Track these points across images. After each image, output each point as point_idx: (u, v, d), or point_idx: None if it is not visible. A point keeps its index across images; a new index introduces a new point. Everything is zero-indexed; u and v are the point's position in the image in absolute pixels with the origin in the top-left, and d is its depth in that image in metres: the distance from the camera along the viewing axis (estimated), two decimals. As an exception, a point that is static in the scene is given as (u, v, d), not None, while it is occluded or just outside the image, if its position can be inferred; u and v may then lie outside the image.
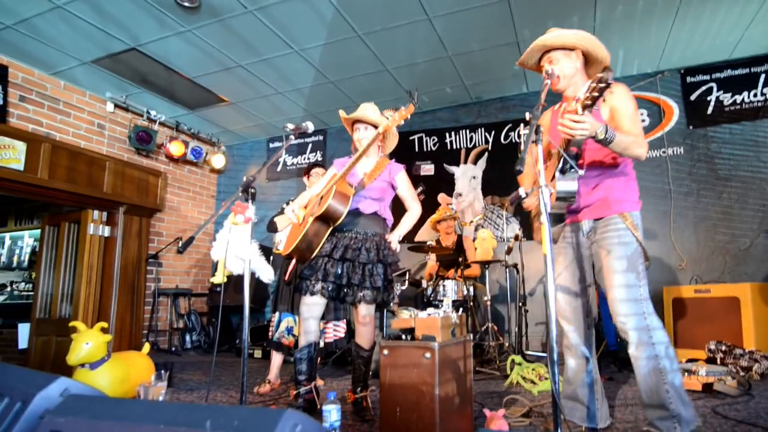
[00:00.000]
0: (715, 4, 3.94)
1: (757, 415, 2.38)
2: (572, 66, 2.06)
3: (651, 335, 1.86)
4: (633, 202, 2.04)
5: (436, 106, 5.93)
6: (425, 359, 1.80)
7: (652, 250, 4.88)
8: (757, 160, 4.68)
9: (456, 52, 4.66)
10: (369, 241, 2.58)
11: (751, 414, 2.40)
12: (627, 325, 1.89)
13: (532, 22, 4.16)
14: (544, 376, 3.33)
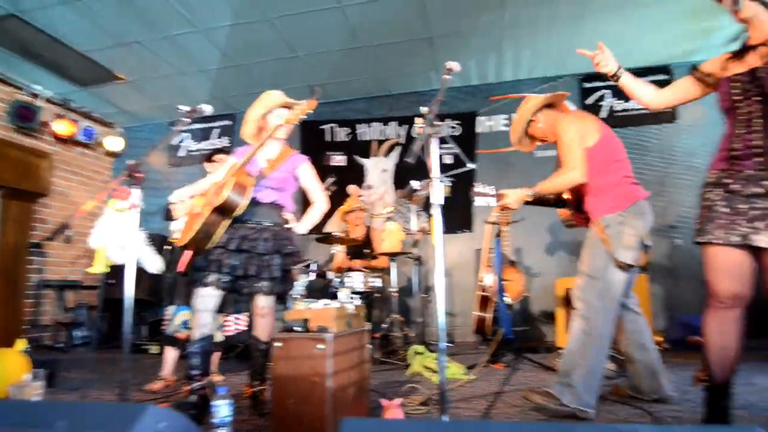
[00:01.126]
0: (611, 17, 4.29)
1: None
2: None
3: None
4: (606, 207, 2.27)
5: (349, 96, 5.89)
6: (318, 350, 1.76)
7: (547, 243, 5.25)
8: (642, 162, 5.18)
9: (369, 44, 4.64)
10: (267, 232, 2.51)
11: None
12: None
13: (444, 20, 4.26)
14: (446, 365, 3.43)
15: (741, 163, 1.66)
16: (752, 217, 1.62)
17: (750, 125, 1.65)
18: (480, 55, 4.97)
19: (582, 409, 2.13)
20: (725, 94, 1.72)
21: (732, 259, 1.69)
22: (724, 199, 1.69)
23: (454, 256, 5.45)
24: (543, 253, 5.22)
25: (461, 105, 5.67)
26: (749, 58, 1.68)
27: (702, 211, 1.77)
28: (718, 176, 1.73)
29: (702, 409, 1.84)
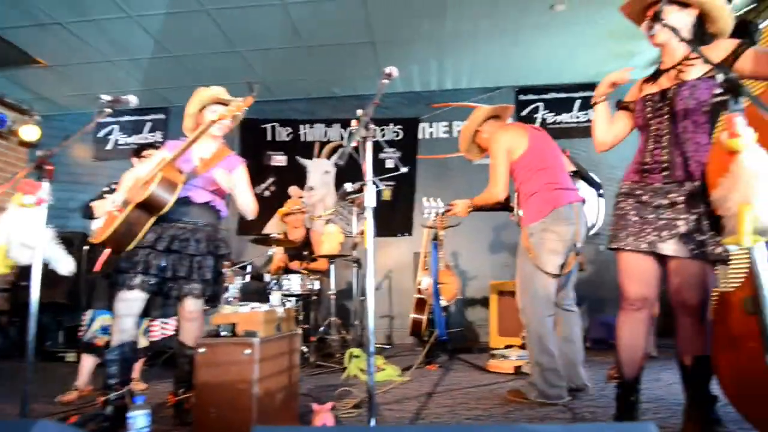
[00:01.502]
0: (544, 34, 4.49)
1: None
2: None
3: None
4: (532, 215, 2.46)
5: (292, 96, 5.79)
6: (244, 356, 1.70)
7: (484, 248, 5.41)
8: (569, 173, 5.47)
9: (312, 44, 4.59)
10: (200, 232, 2.40)
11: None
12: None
13: (387, 25, 4.28)
14: (380, 367, 3.44)
15: (651, 176, 1.78)
16: (659, 227, 1.73)
17: (659, 141, 1.77)
18: (422, 62, 5.05)
19: (551, 402, 2.37)
20: (640, 112, 1.84)
21: (641, 264, 1.79)
22: (635, 209, 1.80)
23: (394, 259, 5.49)
24: (479, 257, 5.37)
25: (405, 110, 5.74)
26: (662, 80, 1.81)
27: (616, 219, 1.87)
28: (631, 187, 1.84)
29: (615, 404, 1.94)
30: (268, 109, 5.83)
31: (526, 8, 4.08)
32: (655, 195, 1.76)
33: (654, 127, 1.79)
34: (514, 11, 4.13)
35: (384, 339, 5.35)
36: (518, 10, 4.10)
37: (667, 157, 1.74)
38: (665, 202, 1.73)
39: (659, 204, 1.75)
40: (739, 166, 1.26)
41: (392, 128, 5.70)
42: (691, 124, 1.71)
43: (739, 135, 1.27)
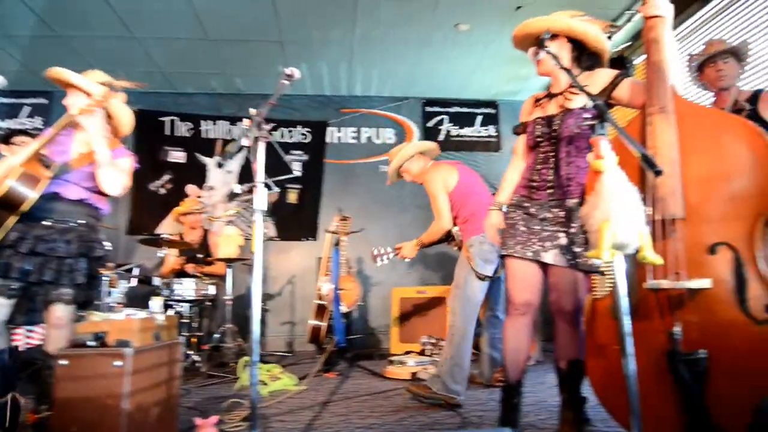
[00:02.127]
0: (450, 50, 4.68)
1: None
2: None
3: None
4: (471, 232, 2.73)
5: (194, 89, 5.47)
6: (114, 368, 1.54)
7: (390, 257, 5.48)
8: (469, 184, 5.75)
9: (218, 38, 4.37)
10: (71, 233, 2.14)
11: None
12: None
13: (296, 26, 4.21)
14: (277, 376, 3.34)
15: (538, 193, 1.92)
16: (543, 238, 1.88)
17: (547, 162, 1.92)
18: (332, 66, 5.03)
19: (450, 396, 2.55)
20: (530, 134, 1.98)
21: (527, 271, 1.91)
22: (524, 220, 1.93)
23: (298, 263, 5.38)
24: (385, 264, 5.42)
25: (313, 113, 5.67)
26: (551, 105, 1.96)
27: (506, 228, 2.00)
28: (519, 200, 1.98)
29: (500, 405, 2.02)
30: (168, 102, 5.46)
31: (432, 24, 4.23)
32: (541, 209, 1.90)
33: (543, 150, 1.93)
34: (421, 26, 4.26)
35: (284, 346, 5.21)
36: (425, 25, 4.25)
37: (553, 177, 1.89)
38: (549, 216, 1.87)
39: (544, 217, 1.89)
40: (601, 185, 1.37)
41: (300, 130, 5.60)
42: (574, 149, 1.87)
43: (602, 157, 1.38)
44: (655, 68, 1.68)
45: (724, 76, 2.43)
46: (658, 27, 1.71)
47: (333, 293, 3.75)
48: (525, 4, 3.89)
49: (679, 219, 1.58)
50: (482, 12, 4.02)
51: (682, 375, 1.48)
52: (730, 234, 1.52)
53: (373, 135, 5.73)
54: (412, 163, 3.04)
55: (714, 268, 1.52)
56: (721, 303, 1.49)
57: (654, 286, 1.58)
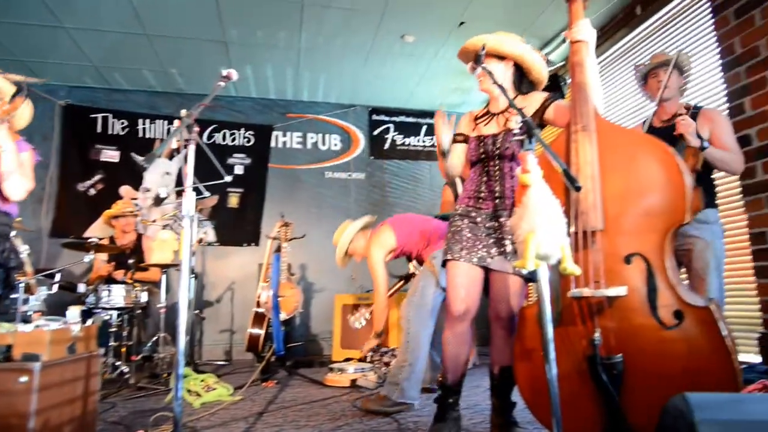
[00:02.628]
0: (396, 60, 4.74)
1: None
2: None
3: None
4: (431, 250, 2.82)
5: (130, 86, 5.22)
6: (19, 384, 1.42)
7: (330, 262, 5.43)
8: (415, 193, 5.84)
9: (156, 34, 4.19)
10: None
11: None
12: None
13: (240, 27, 4.12)
14: (212, 387, 3.21)
15: (485, 202, 2.01)
16: (488, 245, 1.95)
17: (493, 176, 2.01)
18: (278, 70, 4.96)
19: (407, 402, 2.61)
20: (474, 150, 2.06)
21: (469, 277, 1.96)
22: (469, 228, 1.99)
23: (238, 270, 5.23)
24: (325, 270, 5.38)
25: (258, 116, 5.56)
26: (492, 124, 2.05)
27: (451, 235, 2.04)
28: (466, 210, 2.04)
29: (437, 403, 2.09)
30: (101, 98, 5.17)
31: (378, 34, 4.27)
32: (488, 218, 1.99)
33: (489, 165, 2.03)
34: (368, 35, 4.29)
35: (222, 355, 5.04)
36: (371, 35, 4.28)
37: (499, 189, 1.99)
38: (496, 225, 1.96)
39: (491, 225, 1.97)
40: (528, 198, 1.43)
41: (243, 133, 5.47)
42: (516, 165, 1.97)
43: (529, 171, 1.45)
44: (579, 89, 1.80)
45: (665, 86, 2.44)
46: (582, 51, 1.83)
47: (272, 300, 3.66)
48: (468, 21, 4.01)
49: (599, 231, 1.69)
50: (427, 25, 4.10)
51: (600, 378, 1.56)
52: (644, 246, 1.64)
53: (320, 141, 5.69)
54: (356, 243, 3.17)
55: (629, 277, 1.63)
56: (636, 310, 1.60)
57: (576, 295, 1.66)
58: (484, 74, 1.90)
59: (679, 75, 2.50)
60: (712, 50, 3.09)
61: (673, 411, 0.73)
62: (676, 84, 2.48)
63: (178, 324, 1.47)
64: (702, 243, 2.27)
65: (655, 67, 2.52)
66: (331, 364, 3.72)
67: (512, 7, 3.83)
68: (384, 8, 3.89)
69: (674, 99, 2.49)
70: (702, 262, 2.25)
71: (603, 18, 4.03)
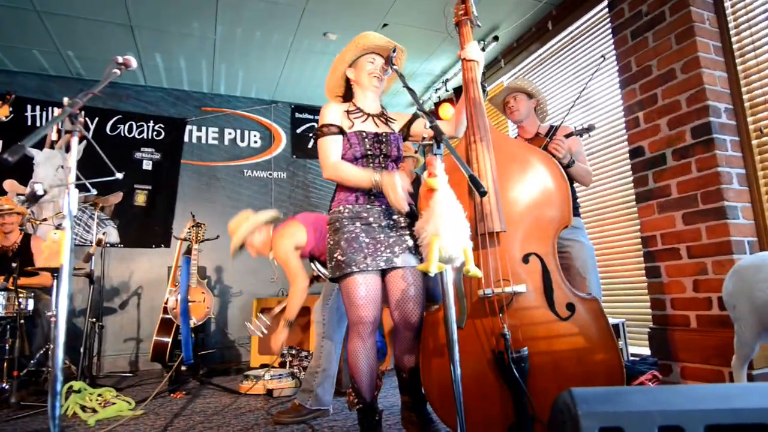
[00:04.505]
0: (317, 58, 4.65)
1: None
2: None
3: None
4: None
5: (18, 68, 4.65)
6: None
7: (249, 264, 5.22)
8: (337, 193, 5.76)
9: (48, 11, 3.77)
10: None
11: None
12: None
13: (148, 11, 3.81)
14: (110, 401, 2.95)
15: (378, 200, 1.92)
16: (390, 244, 1.88)
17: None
18: (191, 61, 4.66)
19: (322, 408, 2.57)
20: (357, 146, 1.92)
21: (376, 286, 1.86)
22: (364, 231, 1.88)
23: (145, 273, 4.86)
24: (243, 272, 5.17)
25: (169, 109, 5.20)
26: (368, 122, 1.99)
27: (347, 243, 1.85)
28: (356, 211, 1.90)
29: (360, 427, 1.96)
30: (-19, 80, 4.57)
31: (299, 30, 4.16)
32: (381, 216, 1.92)
33: (375, 163, 1.94)
34: (289, 31, 4.17)
35: (127, 366, 4.65)
36: (292, 30, 4.16)
37: None
38: (391, 222, 1.92)
39: (387, 224, 1.91)
40: (434, 202, 1.44)
41: (153, 126, 5.08)
42: (396, 167, 2.02)
43: (436, 175, 1.46)
44: (474, 104, 1.91)
45: (515, 110, 2.70)
46: (475, 69, 1.95)
47: (181, 306, 3.43)
48: (391, 23, 4.03)
49: (501, 233, 1.78)
50: (350, 24, 4.06)
51: (511, 372, 1.61)
52: (538, 246, 1.78)
53: (238, 137, 5.44)
54: (256, 236, 2.83)
55: (527, 275, 1.75)
56: (535, 305, 1.72)
57: (487, 294, 1.73)
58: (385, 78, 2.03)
59: (528, 99, 2.71)
60: (613, 66, 3.33)
61: (561, 405, 0.78)
62: (526, 107, 2.69)
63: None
64: (578, 244, 2.47)
65: (505, 95, 2.76)
66: (247, 371, 3.56)
67: (432, 13, 3.89)
68: (305, 4, 3.79)
69: (529, 119, 2.73)
70: (581, 261, 2.44)
71: (518, 30, 4.23)
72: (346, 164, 1.90)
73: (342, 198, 1.95)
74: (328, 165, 1.90)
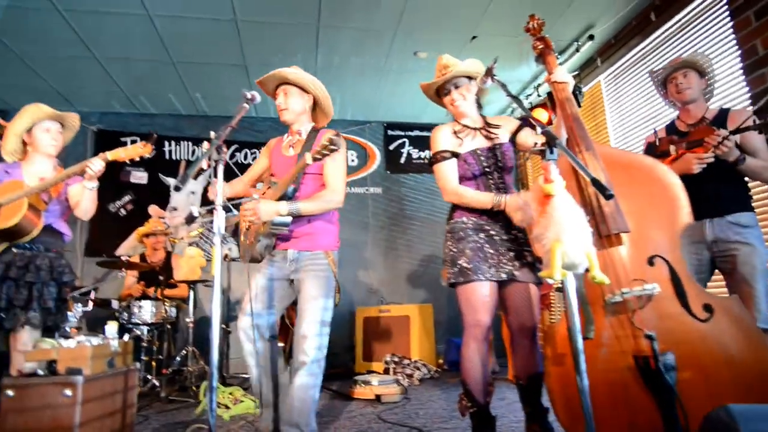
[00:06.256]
0: (409, 76, 4.83)
1: (409, 416, 2.87)
2: (302, 105, 2.31)
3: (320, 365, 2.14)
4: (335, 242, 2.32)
5: (157, 110, 5.45)
6: (64, 398, 1.53)
7: (351, 275, 5.53)
8: (432, 206, 5.88)
9: (181, 60, 4.40)
10: (40, 258, 2.25)
11: (405, 416, 2.88)
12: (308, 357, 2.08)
13: (258, 50, 4.28)
14: (239, 399, 3.31)
15: (497, 216, 1.99)
16: (512, 257, 1.96)
17: (499, 189, 2.03)
18: (296, 89, 5.11)
19: None
20: (473, 165, 2.02)
21: (493, 293, 1.95)
22: (488, 243, 1.98)
23: (262, 284, 5.34)
24: (345, 283, 5.46)
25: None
26: (477, 139, 2.07)
27: (472, 252, 1.96)
28: (479, 224, 2.00)
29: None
30: (130, 122, 5.42)
31: (392, 51, 4.38)
32: (503, 231, 1.99)
33: (492, 178, 2.03)
34: (381, 54, 4.41)
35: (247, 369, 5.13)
36: (384, 53, 4.40)
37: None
38: (512, 237, 1.98)
39: (508, 238, 1.98)
40: (552, 208, 1.43)
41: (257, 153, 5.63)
42: (511, 178, 2.06)
43: (552, 181, 1.45)
44: (575, 118, 1.94)
45: (685, 88, 2.36)
46: (567, 89, 2.01)
47: (296, 314, 3.74)
48: (480, 35, 4.09)
49: (623, 234, 1.76)
50: (439, 41, 4.19)
51: (659, 378, 1.55)
52: (660, 248, 1.72)
53: (338, 157, 5.80)
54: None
55: (655, 277, 1.68)
56: (670, 307, 1.65)
57: (617, 299, 1.70)
58: (462, 95, 2.12)
59: (700, 77, 2.39)
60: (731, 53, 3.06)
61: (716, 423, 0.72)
62: (697, 86, 2.37)
63: (210, 338, 1.55)
64: (748, 248, 2.17)
65: (673, 70, 2.42)
66: (355, 376, 3.77)
67: (522, 21, 3.87)
68: (396, 27, 4.00)
69: (698, 102, 2.39)
70: (749, 267, 2.14)
71: (616, 26, 4.06)
72: (466, 189, 2.01)
73: (465, 212, 2.04)
74: (449, 190, 2.03)
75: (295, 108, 2.27)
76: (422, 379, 4.16)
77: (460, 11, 3.83)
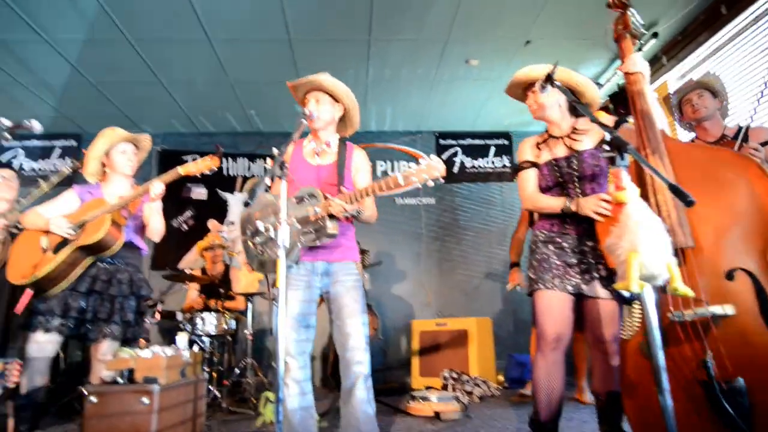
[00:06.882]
0: (461, 84, 4.79)
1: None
2: (332, 114, 2.30)
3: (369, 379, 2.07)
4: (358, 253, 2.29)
5: (216, 129, 5.68)
6: (142, 405, 1.58)
7: (405, 287, 5.48)
8: (487, 215, 5.76)
9: (238, 80, 4.57)
10: (121, 272, 2.40)
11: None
12: (365, 367, 2.04)
13: (311, 67, 4.35)
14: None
15: (570, 227, 1.94)
16: (582, 270, 1.88)
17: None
18: (347, 104, 5.19)
19: None
20: (550, 176, 2.00)
21: (562, 305, 1.89)
22: (556, 255, 1.93)
23: (316, 297, 5.38)
24: (401, 296, 5.42)
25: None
26: (558, 148, 2.01)
27: (538, 263, 1.96)
28: (550, 236, 1.97)
29: None
30: (190, 141, 5.67)
31: (443, 61, 4.36)
32: (575, 242, 1.92)
33: (568, 189, 1.96)
34: (432, 63, 4.39)
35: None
36: (435, 62, 4.37)
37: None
38: (586, 249, 1.90)
39: (581, 250, 1.91)
40: (626, 216, 1.36)
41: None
42: (597, 185, 1.94)
43: (624, 188, 1.38)
44: (644, 116, 1.80)
45: (700, 107, 2.47)
46: (641, 81, 1.85)
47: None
48: (534, 39, 3.99)
49: (689, 249, 1.61)
50: (491, 47, 4.13)
51: (722, 406, 1.44)
52: (744, 260, 1.55)
53: (389, 169, 5.83)
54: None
55: (735, 293, 1.53)
56: (750, 328, 1.49)
57: (678, 318, 1.57)
58: (542, 102, 2.00)
59: (713, 97, 2.50)
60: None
61: None
62: (712, 105, 2.49)
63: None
64: None
65: (686, 92, 2.56)
66: (413, 392, 3.69)
67: (577, 22, 3.76)
68: (448, 36, 3.98)
69: (714, 120, 2.49)
70: None
71: (682, 22, 3.85)
72: (540, 195, 2.02)
73: (540, 225, 2.05)
74: (525, 197, 2.05)
75: (325, 116, 2.27)
76: (482, 397, 4.02)
77: (511, 17, 3.76)
